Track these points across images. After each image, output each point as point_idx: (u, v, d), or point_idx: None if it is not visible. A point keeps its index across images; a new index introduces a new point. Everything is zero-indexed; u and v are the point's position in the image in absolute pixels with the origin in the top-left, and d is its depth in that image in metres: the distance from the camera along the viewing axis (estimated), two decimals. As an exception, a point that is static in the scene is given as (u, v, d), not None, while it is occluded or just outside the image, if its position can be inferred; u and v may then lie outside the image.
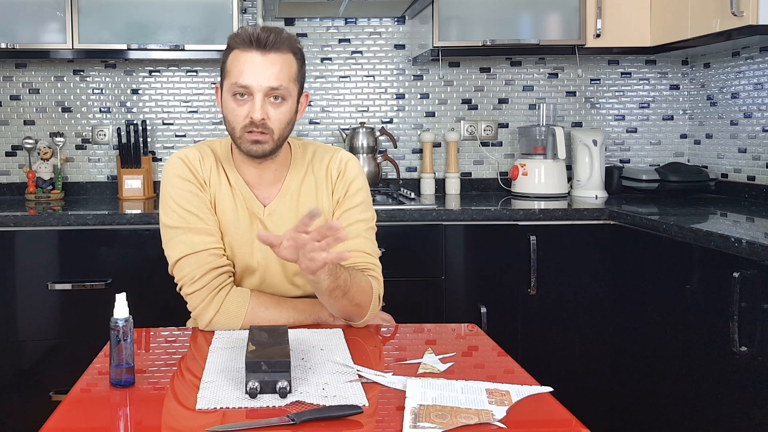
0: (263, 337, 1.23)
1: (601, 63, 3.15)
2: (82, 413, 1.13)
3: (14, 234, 2.42)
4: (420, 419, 1.02)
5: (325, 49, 3.11)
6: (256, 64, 1.46)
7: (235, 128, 1.51)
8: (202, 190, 1.56)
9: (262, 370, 1.11)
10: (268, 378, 1.11)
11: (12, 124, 3.06)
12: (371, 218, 1.63)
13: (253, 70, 1.46)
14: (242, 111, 1.48)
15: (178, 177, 1.56)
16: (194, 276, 1.50)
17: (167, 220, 1.55)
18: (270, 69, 1.47)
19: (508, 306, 2.50)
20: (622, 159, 3.17)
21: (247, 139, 1.49)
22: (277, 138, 1.51)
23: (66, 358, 2.39)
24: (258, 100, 1.47)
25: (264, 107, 1.47)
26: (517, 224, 2.50)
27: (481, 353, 1.40)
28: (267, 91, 1.47)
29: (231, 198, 1.58)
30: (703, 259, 1.98)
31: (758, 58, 2.71)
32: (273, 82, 1.47)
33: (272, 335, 1.24)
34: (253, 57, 1.47)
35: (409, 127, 3.15)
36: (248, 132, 1.49)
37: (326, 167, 1.62)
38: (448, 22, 2.79)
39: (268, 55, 1.47)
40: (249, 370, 1.11)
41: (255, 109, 1.47)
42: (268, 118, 1.48)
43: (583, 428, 1.03)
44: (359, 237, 1.57)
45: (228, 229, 1.58)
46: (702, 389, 1.97)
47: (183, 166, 1.57)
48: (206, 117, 3.11)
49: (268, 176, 1.59)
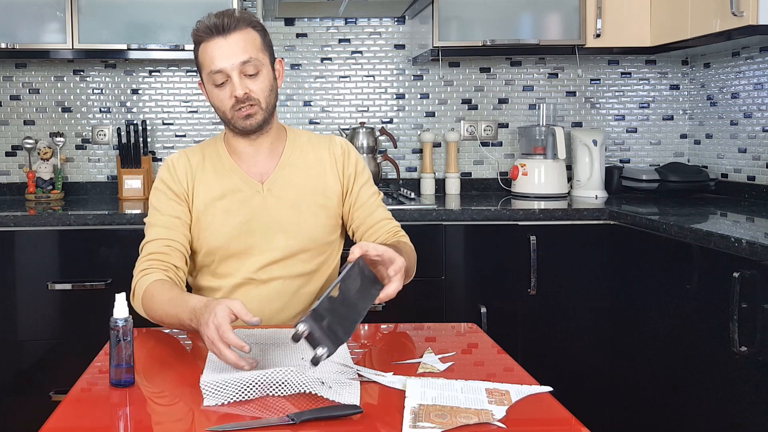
0: (346, 305, 1.22)
1: (601, 63, 3.15)
2: (82, 413, 1.13)
3: (14, 234, 2.42)
4: (420, 419, 1.02)
5: (325, 49, 3.11)
6: (222, 47, 1.55)
7: (225, 112, 1.60)
8: (175, 189, 1.65)
9: (321, 326, 1.12)
10: (319, 335, 1.12)
11: (12, 124, 3.06)
12: (378, 192, 1.76)
13: (221, 53, 1.55)
14: (225, 93, 1.57)
15: (159, 179, 1.69)
16: (137, 265, 1.61)
17: (146, 217, 1.68)
18: (234, 47, 1.55)
19: (508, 306, 2.50)
20: (622, 159, 3.18)
21: (238, 117, 1.58)
22: (265, 107, 1.59)
23: (66, 358, 2.39)
24: (235, 78, 1.55)
25: (243, 83, 1.56)
26: (517, 224, 2.50)
27: (480, 351, 1.40)
28: (240, 67, 1.55)
29: (224, 185, 1.65)
30: (703, 259, 1.98)
31: (758, 58, 2.71)
32: (242, 57, 1.55)
33: (352, 311, 1.24)
34: (218, 42, 1.56)
35: (409, 127, 3.15)
36: (237, 110, 1.58)
37: (328, 149, 1.72)
38: (448, 22, 2.79)
39: (229, 36, 1.56)
40: (313, 317, 1.12)
41: (235, 87, 1.55)
42: (250, 91, 1.56)
43: (583, 428, 1.03)
44: (380, 207, 1.72)
45: (217, 216, 1.63)
46: (702, 389, 1.97)
47: (165, 169, 1.68)
48: (206, 117, 3.11)
49: (264, 150, 1.67)
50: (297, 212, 1.65)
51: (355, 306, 1.24)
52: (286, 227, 1.64)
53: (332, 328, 1.14)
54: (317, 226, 1.66)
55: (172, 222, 1.63)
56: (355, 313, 1.23)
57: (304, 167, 1.68)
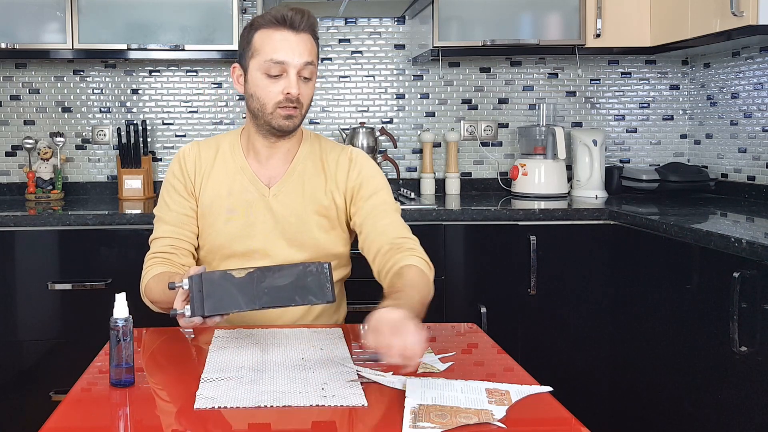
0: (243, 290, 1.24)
1: (601, 63, 3.15)
2: (82, 413, 1.13)
3: (14, 234, 2.42)
4: (420, 419, 1.02)
5: (325, 49, 3.11)
6: (291, 41, 1.52)
7: (266, 104, 1.55)
8: (185, 183, 1.65)
9: (200, 290, 1.21)
10: (194, 296, 1.21)
11: (12, 124, 3.06)
12: (394, 201, 1.66)
13: (289, 46, 1.52)
14: (276, 87, 1.53)
15: (170, 171, 1.68)
16: (145, 261, 1.64)
17: (155, 208, 1.69)
18: (303, 46, 1.53)
19: (508, 306, 2.50)
20: (622, 159, 3.18)
21: (280, 114, 1.55)
22: (304, 113, 1.58)
23: (66, 358, 2.39)
24: (293, 76, 1.52)
25: (298, 83, 1.53)
26: (517, 224, 2.50)
27: (480, 351, 1.40)
28: (301, 67, 1.53)
29: (231, 184, 1.64)
30: (703, 259, 1.98)
31: (758, 58, 2.71)
32: (307, 57, 1.53)
33: (243, 298, 1.24)
34: (287, 35, 1.53)
35: (409, 127, 3.15)
36: (282, 107, 1.54)
37: (336, 159, 1.67)
38: (448, 22, 2.79)
39: (300, 34, 1.53)
40: (201, 278, 1.22)
41: (291, 84, 1.52)
42: (301, 94, 1.54)
43: (583, 428, 1.03)
44: (386, 217, 1.60)
45: (221, 214, 1.63)
46: (702, 389, 1.97)
47: (177, 161, 1.68)
48: (206, 117, 3.11)
49: (279, 155, 1.65)
50: (300, 221, 1.62)
51: (256, 297, 1.23)
52: (288, 235, 1.62)
53: (205, 298, 1.20)
54: (320, 236, 1.63)
55: (179, 219, 1.63)
56: (243, 302, 1.23)
57: (312, 175, 1.65)
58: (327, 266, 1.28)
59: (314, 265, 1.27)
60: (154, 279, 1.56)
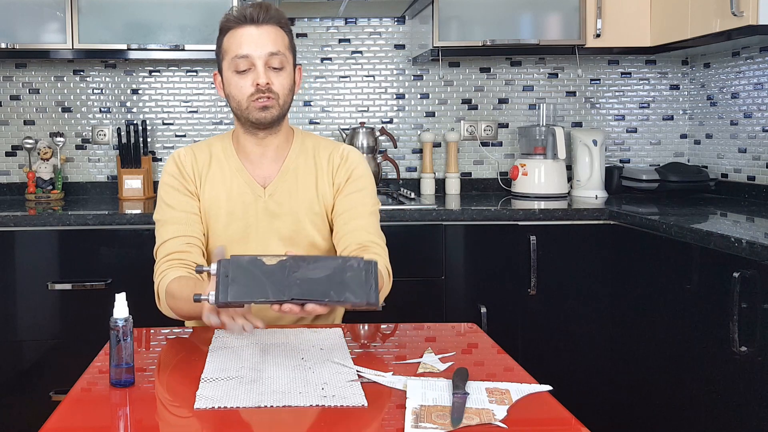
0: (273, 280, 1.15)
1: (601, 63, 3.15)
2: (82, 413, 1.12)
3: (14, 234, 2.42)
4: (421, 419, 1.02)
5: (325, 49, 3.11)
6: (253, 35, 1.54)
7: (241, 101, 1.56)
8: (186, 184, 1.63)
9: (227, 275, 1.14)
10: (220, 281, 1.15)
11: (12, 124, 3.06)
12: (374, 204, 1.67)
13: (251, 40, 1.54)
14: (246, 81, 1.55)
15: (167, 174, 1.66)
16: (157, 267, 1.60)
17: (155, 213, 1.66)
18: (265, 38, 1.54)
19: (508, 306, 2.50)
20: (622, 159, 3.17)
21: (254, 107, 1.55)
22: (281, 104, 1.57)
23: (66, 358, 2.39)
24: (260, 67, 1.53)
25: (267, 73, 1.54)
26: (517, 224, 2.50)
27: (480, 351, 1.40)
28: (267, 57, 1.53)
29: (229, 187, 1.64)
30: (703, 259, 1.98)
31: (758, 58, 2.71)
32: (271, 48, 1.54)
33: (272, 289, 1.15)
34: (249, 30, 1.55)
35: (409, 127, 3.15)
36: (255, 100, 1.55)
37: (329, 156, 1.67)
38: (448, 22, 2.79)
39: (261, 27, 1.55)
40: (231, 263, 1.14)
41: (259, 75, 1.53)
42: (272, 84, 1.54)
43: (583, 427, 1.03)
44: (361, 218, 1.62)
45: (220, 218, 1.63)
46: (702, 389, 1.97)
47: (173, 163, 1.66)
48: (206, 117, 3.11)
49: (270, 153, 1.65)
50: (295, 220, 1.63)
51: (286, 287, 1.14)
52: (284, 234, 1.63)
53: (230, 284, 1.13)
54: (315, 233, 1.65)
55: (188, 218, 1.61)
56: (270, 291, 1.14)
57: (306, 173, 1.66)
58: (372, 264, 1.15)
59: (356, 260, 1.15)
60: (176, 283, 1.49)
